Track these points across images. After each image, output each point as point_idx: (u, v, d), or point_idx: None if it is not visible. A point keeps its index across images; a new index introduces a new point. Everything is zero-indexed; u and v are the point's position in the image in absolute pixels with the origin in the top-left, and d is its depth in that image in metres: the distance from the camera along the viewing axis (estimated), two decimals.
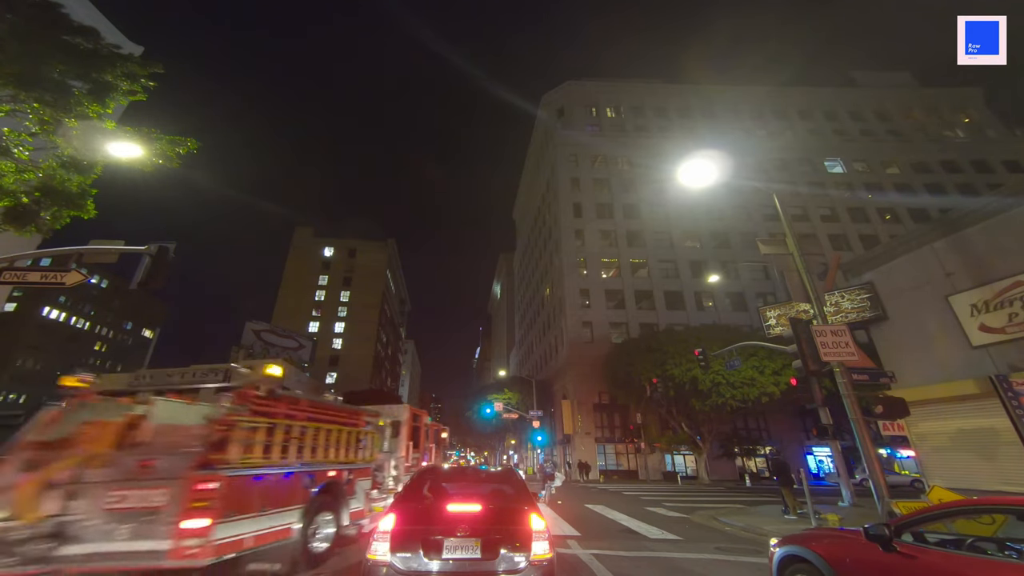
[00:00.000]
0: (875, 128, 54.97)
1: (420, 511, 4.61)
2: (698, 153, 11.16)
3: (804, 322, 10.39)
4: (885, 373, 13.58)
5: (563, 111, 54.46)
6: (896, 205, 47.09)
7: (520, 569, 4.04)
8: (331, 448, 7.35)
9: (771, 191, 12.42)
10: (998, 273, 11.91)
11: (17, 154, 9.42)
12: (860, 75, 61.15)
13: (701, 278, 42.45)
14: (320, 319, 69.57)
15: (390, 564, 4.02)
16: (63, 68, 9.33)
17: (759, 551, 7.47)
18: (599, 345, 38.08)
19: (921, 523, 3.73)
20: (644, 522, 10.94)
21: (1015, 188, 12.32)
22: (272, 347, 46.64)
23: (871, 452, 8.73)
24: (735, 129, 52.87)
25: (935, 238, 13.76)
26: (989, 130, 54.00)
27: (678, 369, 27.01)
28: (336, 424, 7.64)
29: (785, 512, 11.58)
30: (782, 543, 4.61)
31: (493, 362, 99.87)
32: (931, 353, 13.55)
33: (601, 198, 47.34)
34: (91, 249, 8.88)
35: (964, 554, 3.29)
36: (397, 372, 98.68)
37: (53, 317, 71.34)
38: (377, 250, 77.33)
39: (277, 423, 5.98)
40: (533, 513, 4.47)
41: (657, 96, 56.06)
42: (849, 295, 16.20)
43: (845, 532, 4.43)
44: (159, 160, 10.34)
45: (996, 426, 11.47)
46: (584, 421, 36.24)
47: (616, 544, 8.33)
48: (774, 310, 23.09)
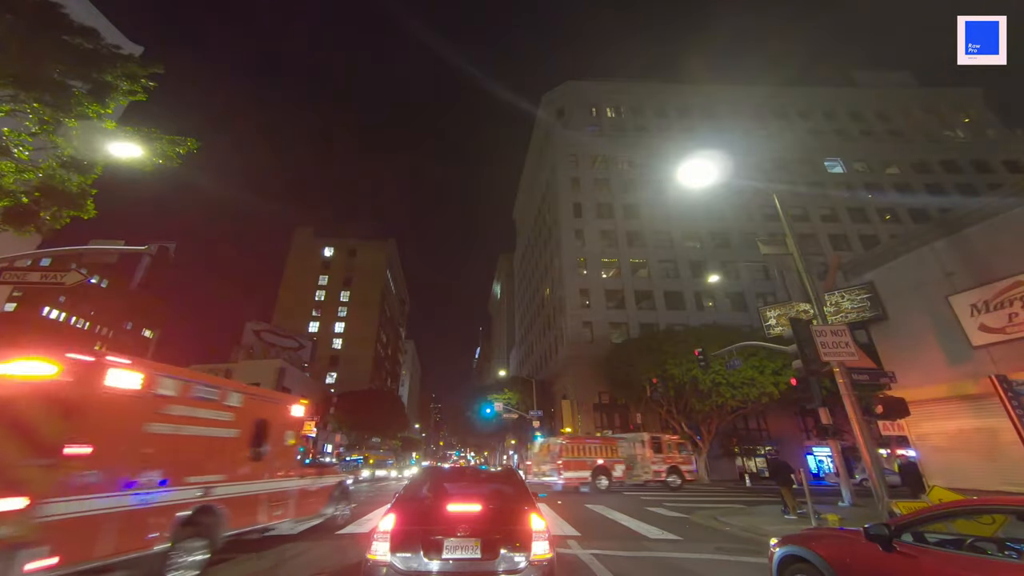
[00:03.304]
0: (875, 128, 54.99)
1: (420, 511, 4.62)
2: (698, 153, 11.18)
3: (804, 322, 10.40)
4: (885, 373, 13.59)
5: (563, 111, 54.48)
6: (896, 205, 47.11)
7: (520, 569, 4.04)
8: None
9: (771, 191, 12.44)
10: (998, 273, 11.91)
11: (17, 154, 9.44)
12: (860, 75, 61.17)
13: (701, 278, 42.46)
14: (320, 319, 69.60)
15: (390, 564, 4.02)
16: (63, 68, 9.35)
17: (759, 551, 7.46)
18: (599, 345, 38.09)
19: (921, 523, 3.73)
20: (644, 522, 10.94)
21: (1015, 188, 12.32)
22: (272, 347, 46.69)
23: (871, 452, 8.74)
24: (735, 129, 52.87)
25: (935, 238, 13.75)
26: (989, 130, 54.01)
27: (678, 369, 27.01)
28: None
29: (785, 512, 11.58)
30: (782, 543, 4.62)
31: (493, 362, 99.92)
32: (931, 353, 13.54)
33: (601, 198, 47.35)
34: (91, 249, 8.90)
35: (964, 554, 3.29)
36: (397, 372, 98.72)
37: (53, 317, 71.39)
38: (377, 250, 77.37)
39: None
40: (533, 513, 4.48)
41: (657, 96, 56.06)
42: (849, 295, 16.20)
43: (845, 532, 4.43)
44: (159, 160, 10.36)
45: (996, 426, 11.46)
46: (584, 421, 36.24)
47: (616, 544, 8.33)
48: (774, 310, 23.09)
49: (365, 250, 76.14)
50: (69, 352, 4.73)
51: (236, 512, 6.72)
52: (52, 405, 4.48)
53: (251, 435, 7.44)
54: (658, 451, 23.38)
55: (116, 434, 5.07)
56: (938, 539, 3.69)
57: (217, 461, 6.52)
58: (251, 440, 7.42)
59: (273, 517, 7.80)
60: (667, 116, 54.77)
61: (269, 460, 7.79)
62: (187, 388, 6.10)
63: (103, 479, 4.76)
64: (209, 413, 6.47)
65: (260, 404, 7.93)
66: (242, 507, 6.95)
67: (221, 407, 6.75)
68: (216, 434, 6.61)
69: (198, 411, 6.26)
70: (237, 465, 7.00)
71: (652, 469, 22.88)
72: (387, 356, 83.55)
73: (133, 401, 5.25)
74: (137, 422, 5.31)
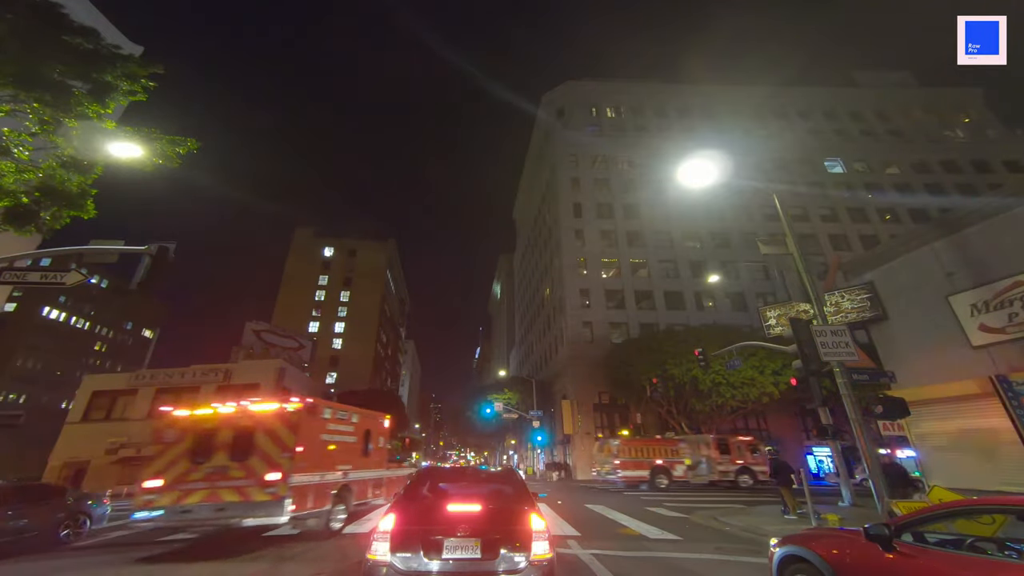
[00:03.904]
0: (875, 128, 54.97)
1: (420, 511, 4.62)
2: (698, 153, 11.18)
3: (804, 322, 10.40)
4: (885, 373, 13.59)
5: (563, 111, 54.46)
6: (896, 205, 47.08)
7: (520, 569, 4.04)
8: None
9: (771, 191, 12.44)
10: (998, 273, 11.90)
11: (17, 154, 9.43)
12: (860, 75, 61.13)
13: (701, 278, 42.45)
14: (320, 319, 69.51)
15: (390, 564, 4.02)
16: (63, 68, 9.34)
17: (759, 551, 7.46)
18: (599, 345, 38.08)
19: (921, 523, 3.73)
20: (644, 522, 10.94)
21: (1015, 188, 12.32)
22: (272, 347, 46.62)
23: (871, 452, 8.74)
24: (735, 129, 52.86)
25: (935, 238, 13.75)
26: (989, 130, 54.00)
27: (678, 369, 27.00)
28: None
29: (785, 512, 11.58)
30: (782, 543, 4.62)
31: (493, 362, 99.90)
32: (931, 353, 13.54)
33: (601, 198, 47.34)
34: (91, 249, 8.89)
35: (964, 554, 3.29)
36: (397, 372, 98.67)
37: (53, 317, 71.36)
38: (377, 250, 77.28)
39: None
40: (533, 513, 4.48)
41: (657, 96, 56.05)
42: (849, 295, 16.19)
43: (845, 532, 4.44)
44: (159, 160, 10.35)
45: (996, 426, 11.46)
46: (584, 421, 36.23)
47: (616, 544, 8.33)
48: (774, 310, 23.08)
49: (365, 250, 76.04)
50: (294, 397, 8.69)
51: (358, 490, 10.64)
52: (291, 425, 8.30)
53: (363, 440, 11.44)
54: (725, 452, 23.92)
55: (313, 440, 8.97)
56: (938, 539, 3.69)
57: (347, 457, 10.42)
58: (363, 443, 11.41)
59: (375, 495, 11.93)
60: (667, 116, 54.75)
61: (373, 456, 12.01)
62: (335, 413, 10.16)
63: (308, 466, 8.55)
64: (343, 427, 10.43)
65: (366, 419, 11.96)
66: (361, 487, 10.89)
67: (348, 423, 10.71)
68: (347, 440, 10.49)
69: (339, 426, 10.21)
70: (357, 460, 10.89)
71: (719, 470, 23.45)
72: (387, 356, 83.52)
73: (318, 422, 9.33)
74: (319, 433, 9.29)
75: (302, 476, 8.23)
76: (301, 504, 8.10)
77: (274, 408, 8.43)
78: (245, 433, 8.24)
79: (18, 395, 64.18)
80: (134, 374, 34.93)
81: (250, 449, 8.09)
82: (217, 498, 7.76)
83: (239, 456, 8.08)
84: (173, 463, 8.13)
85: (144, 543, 8.91)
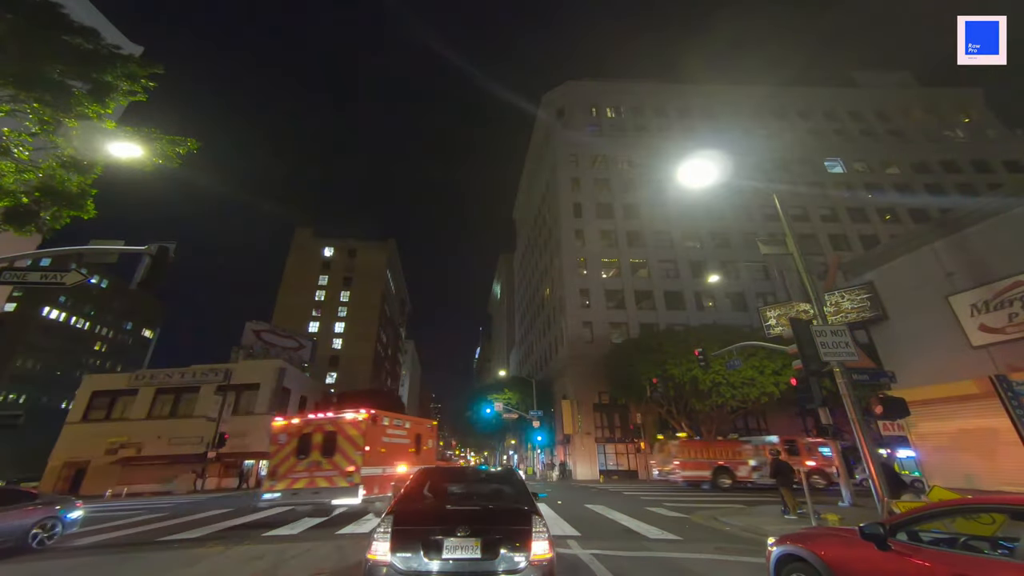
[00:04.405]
0: (875, 128, 54.95)
1: (420, 511, 4.62)
2: (698, 153, 11.17)
3: (804, 322, 10.41)
4: (885, 373, 13.59)
5: (563, 111, 54.44)
6: (896, 205, 47.07)
7: (520, 569, 4.04)
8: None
9: (771, 191, 12.45)
10: (998, 273, 11.91)
11: (17, 154, 9.43)
12: (860, 75, 61.13)
13: (701, 278, 42.43)
14: (320, 319, 69.50)
15: (390, 564, 4.03)
16: (63, 68, 9.35)
17: (759, 551, 7.46)
18: (599, 345, 38.07)
19: (916, 522, 3.75)
20: (644, 522, 10.94)
21: (1015, 188, 12.33)
22: (272, 347, 46.66)
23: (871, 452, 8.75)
24: (735, 129, 52.84)
25: (935, 238, 13.76)
26: (989, 130, 53.97)
27: (678, 369, 27.00)
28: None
29: (785, 512, 11.58)
30: (779, 542, 4.63)
31: (493, 362, 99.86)
32: (931, 353, 13.54)
33: (601, 198, 47.32)
34: (91, 249, 8.89)
35: (958, 552, 3.31)
36: (397, 372, 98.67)
37: (53, 317, 71.40)
38: (377, 250, 77.27)
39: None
40: (533, 513, 4.48)
41: (657, 96, 56.03)
42: (849, 295, 16.20)
43: (841, 531, 4.46)
44: (159, 160, 10.35)
45: (996, 426, 11.46)
46: (584, 421, 36.23)
47: (616, 544, 8.33)
48: (774, 310, 23.08)
49: (365, 250, 76.03)
50: (363, 409, 11.68)
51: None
52: (361, 430, 11.17)
53: (415, 442, 14.63)
54: (793, 454, 23.88)
55: (377, 442, 11.81)
56: (932, 538, 3.71)
57: (402, 456, 13.29)
58: (415, 444, 14.59)
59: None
60: (667, 116, 54.74)
61: (422, 455, 15.13)
62: (392, 420, 13.21)
63: (374, 461, 11.44)
64: (399, 432, 13.50)
65: (417, 425, 15.41)
66: None
67: (403, 428, 13.79)
68: (401, 443, 13.42)
69: (396, 431, 13.30)
70: (410, 459, 13.75)
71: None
72: (387, 356, 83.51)
73: (380, 428, 12.23)
74: (381, 436, 12.22)
75: (370, 469, 11.07)
76: (370, 490, 10.93)
77: (349, 417, 11.32)
78: (331, 436, 11.10)
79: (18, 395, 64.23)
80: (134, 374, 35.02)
81: (334, 448, 10.95)
82: (314, 484, 10.61)
83: (327, 453, 10.96)
84: (285, 459, 11.02)
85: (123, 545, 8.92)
